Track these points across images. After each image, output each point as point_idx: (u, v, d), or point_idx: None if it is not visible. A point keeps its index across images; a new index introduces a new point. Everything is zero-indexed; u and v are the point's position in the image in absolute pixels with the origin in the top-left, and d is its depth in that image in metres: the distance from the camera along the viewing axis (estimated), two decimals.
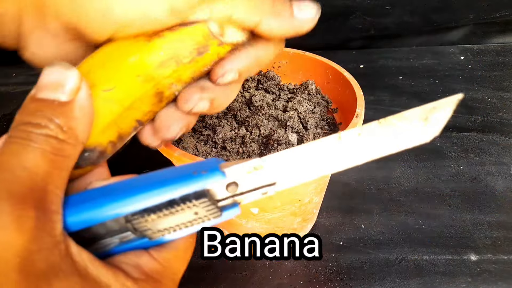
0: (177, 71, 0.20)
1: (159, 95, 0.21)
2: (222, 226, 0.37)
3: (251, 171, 0.17)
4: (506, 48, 0.72)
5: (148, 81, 0.20)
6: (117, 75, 0.19)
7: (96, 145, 0.19)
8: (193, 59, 0.21)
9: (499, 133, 0.53)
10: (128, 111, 0.20)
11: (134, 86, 0.20)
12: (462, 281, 0.36)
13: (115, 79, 0.19)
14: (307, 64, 0.41)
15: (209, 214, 0.18)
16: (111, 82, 0.19)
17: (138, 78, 0.20)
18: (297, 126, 0.33)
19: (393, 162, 0.49)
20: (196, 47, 0.20)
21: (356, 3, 0.68)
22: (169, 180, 0.17)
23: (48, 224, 0.14)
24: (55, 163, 0.15)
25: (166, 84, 0.21)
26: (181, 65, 0.20)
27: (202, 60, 0.21)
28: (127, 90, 0.19)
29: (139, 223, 0.17)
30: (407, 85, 0.64)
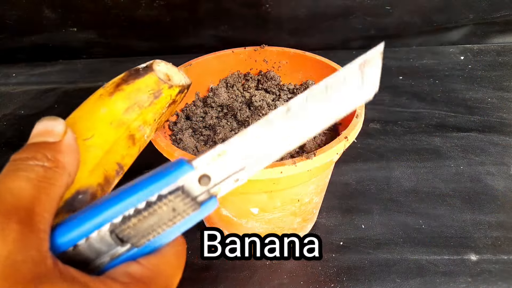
0: (141, 114, 0.25)
1: (131, 137, 0.25)
2: (222, 227, 0.37)
3: (215, 158, 0.18)
4: (506, 48, 0.72)
5: (119, 126, 0.24)
6: (94, 125, 0.23)
7: (88, 187, 0.22)
8: (152, 102, 0.26)
9: (499, 133, 0.53)
10: (108, 155, 0.24)
11: (109, 131, 0.24)
12: (462, 281, 0.36)
13: (93, 128, 0.23)
14: (307, 64, 0.41)
15: (187, 208, 0.18)
16: (90, 131, 0.23)
17: (111, 125, 0.24)
18: None
19: (393, 162, 0.49)
20: (152, 92, 0.25)
21: (356, 3, 0.68)
22: (143, 183, 0.17)
23: (34, 240, 0.15)
24: (42, 189, 0.17)
25: (135, 126, 0.25)
26: (143, 109, 0.25)
27: (159, 102, 0.26)
28: (104, 135, 0.24)
29: (122, 231, 0.17)
30: (407, 85, 0.64)
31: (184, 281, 0.39)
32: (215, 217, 0.36)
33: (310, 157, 0.26)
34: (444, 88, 0.63)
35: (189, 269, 0.38)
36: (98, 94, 0.25)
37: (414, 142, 0.52)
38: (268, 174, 0.26)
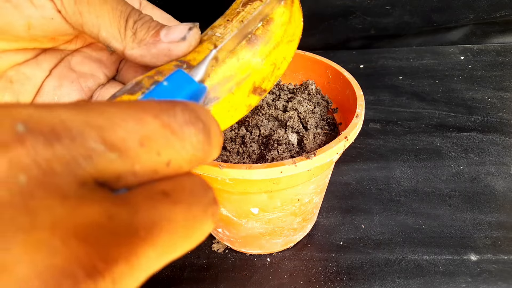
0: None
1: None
2: (222, 227, 0.37)
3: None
4: (506, 48, 0.72)
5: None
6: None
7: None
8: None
9: (499, 133, 0.53)
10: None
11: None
12: (462, 281, 0.36)
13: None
14: (307, 64, 0.41)
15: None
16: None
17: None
18: (297, 126, 0.33)
19: (393, 162, 0.49)
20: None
21: (356, 3, 0.68)
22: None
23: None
24: None
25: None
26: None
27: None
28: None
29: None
30: (407, 85, 0.64)
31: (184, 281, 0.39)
32: None
33: (310, 157, 0.26)
34: (444, 88, 0.63)
35: (189, 269, 0.38)
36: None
37: (414, 142, 0.52)
38: (268, 174, 0.26)
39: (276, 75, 0.26)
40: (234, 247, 0.40)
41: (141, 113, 0.11)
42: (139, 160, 0.10)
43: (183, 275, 0.38)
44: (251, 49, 0.23)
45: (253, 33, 0.23)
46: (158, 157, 0.11)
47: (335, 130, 0.36)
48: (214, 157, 0.13)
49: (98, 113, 0.10)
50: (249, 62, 0.23)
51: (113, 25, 0.22)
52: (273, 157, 0.30)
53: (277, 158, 0.30)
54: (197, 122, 0.12)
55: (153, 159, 0.11)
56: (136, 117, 0.11)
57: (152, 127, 0.11)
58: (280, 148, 0.31)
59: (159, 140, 0.11)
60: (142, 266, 0.10)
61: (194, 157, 0.12)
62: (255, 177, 0.26)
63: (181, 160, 0.12)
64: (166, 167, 0.11)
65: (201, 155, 0.12)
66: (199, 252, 0.40)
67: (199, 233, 0.12)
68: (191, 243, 0.11)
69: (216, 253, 0.40)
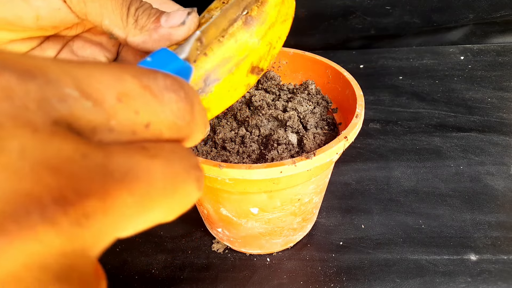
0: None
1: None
2: (222, 227, 0.37)
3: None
4: (506, 48, 0.72)
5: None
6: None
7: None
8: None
9: (499, 133, 0.53)
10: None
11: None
12: (462, 281, 0.36)
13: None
14: (307, 64, 0.41)
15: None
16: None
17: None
18: (297, 126, 0.33)
19: (393, 162, 0.49)
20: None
21: (356, 3, 0.68)
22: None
23: None
24: None
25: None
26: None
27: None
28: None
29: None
30: (407, 85, 0.64)
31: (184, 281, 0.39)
32: (215, 217, 0.36)
33: (310, 157, 0.26)
34: (444, 88, 0.63)
35: (188, 269, 0.38)
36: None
37: (414, 142, 0.52)
38: (268, 174, 0.26)
39: (272, 54, 0.27)
40: (234, 247, 0.40)
41: (120, 72, 0.11)
42: (116, 115, 0.10)
43: (183, 275, 0.38)
44: (247, 30, 0.24)
45: (249, 14, 0.24)
46: (136, 116, 0.11)
47: (335, 130, 0.36)
48: (198, 136, 0.13)
49: (76, 66, 0.10)
50: (246, 42, 0.24)
51: (116, 13, 0.22)
52: (273, 157, 0.30)
53: (277, 158, 0.30)
54: (179, 90, 0.12)
55: (130, 117, 0.11)
56: (115, 74, 0.10)
57: (130, 85, 0.11)
58: (280, 148, 0.31)
59: (138, 99, 0.11)
60: (118, 209, 0.09)
61: (174, 125, 0.12)
62: (254, 177, 0.26)
63: (161, 125, 0.11)
64: (145, 129, 0.11)
65: (182, 124, 0.12)
66: (199, 252, 0.40)
67: (182, 193, 0.11)
68: (174, 203, 0.11)
69: (216, 253, 0.40)
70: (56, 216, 0.08)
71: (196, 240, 0.41)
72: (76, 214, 0.08)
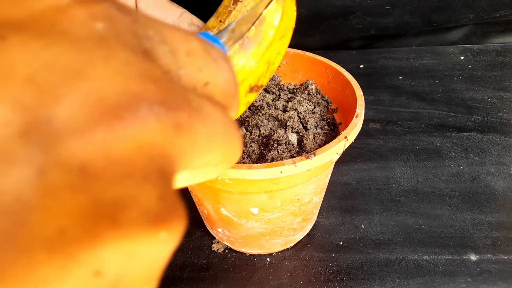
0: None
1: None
2: (222, 227, 0.37)
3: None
4: (506, 48, 0.72)
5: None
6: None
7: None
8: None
9: (499, 133, 0.53)
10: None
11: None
12: (462, 281, 0.36)
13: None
14: (307, 64, 0.41)
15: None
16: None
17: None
18: (297, 126, 0.34)
19: (393, 162, 0.49)
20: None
21: (356, 3, 0.68)
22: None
23: None
24: None
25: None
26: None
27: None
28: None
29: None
30: (407, 85, 0.64)
31: (183, 281, 0.39)
32: (215, 217, 0.36)
33: (310, 157, 0.26)
34: (444, 88, 0.63)
35: (188, 269, 0.38)
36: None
37: (414, 142, 0.52)
38: (268, 174, 0.26)
39: (271, 70, 0.26)
40: (234, 247, 0.40)
41: (187, 34, 0.12)
42: (184, 66, 0.12)
43: (183, 275, 0.38)
44: (244, 54, 0.23)
45: (246, 36, 0.23)
46: (199, 73, 0.12)
47: (335, 130, 0.36)
48: (234, 113, 0.15)
49: (156, 20, 0.12)
50: (243, 67, 0.23)
51: None
52: (273, 157, 0.30)
53: (277, 158, 0.30)
54: (229, 62, 0.14)
55: (195, 72, 0.12)
56: (184, 34, 0.12)
57: (196, 46, 0.12)
58: (280, 148, 0.31)
59: (201, 59, 0.12)
60: (196, 134, 0.11)
61: (224, 92, 0.13)
62: (255, 177, 0.26)
63: (215, 88, 0.13)
64: (203, 87, 0.12)
65: (229, 94, 0.13)
66: (199, 252, 0.40)
67: (232, 143, 0.13)
68: (227, 150, 0.13)
69: (216, 253, 0.40)
70: (161, 113, 0.09)
71: (196, 240, 0.41)
72: (174, 118, 0.10)
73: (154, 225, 0.09)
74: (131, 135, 0.09)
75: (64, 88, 0.08)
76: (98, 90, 0.08)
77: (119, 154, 0.08)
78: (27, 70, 0.08)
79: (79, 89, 0.08)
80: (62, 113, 0.08)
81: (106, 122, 0.08)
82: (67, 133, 0.08)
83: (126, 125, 0.08)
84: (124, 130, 0.08)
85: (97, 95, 0.08)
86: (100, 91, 0.08)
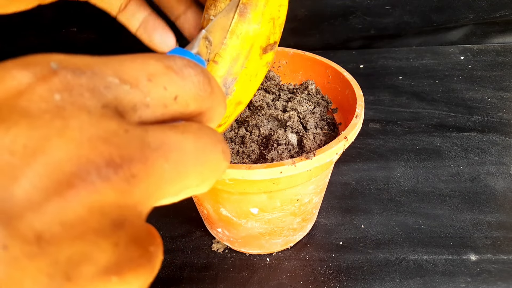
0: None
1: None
2: (222, 227, 0.37)
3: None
4: (506, 48, 0.72)
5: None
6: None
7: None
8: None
9: (499, 133, 0.53)
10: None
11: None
12: (461, 281, 0.36)
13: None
14: (307, 64, 0.41)
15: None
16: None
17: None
18: (297, 126, 0.34)
19: (393, 162, 0.49)
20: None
21: (356, 3, 0.68)
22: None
23: None
24: None
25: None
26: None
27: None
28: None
29: None
30: (407, 85, 0.64)
31: (183, 281, 0.39)
32: (215, 217, 0.36)
33: (310, 157, 0.26)
34: (444, 88, 0.63)
35: (188, 269, 0.38)
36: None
37: (414, 142, 0.52)
38: (267, 174, 0.26)
39: (279, 24, 0.26)
40: (233, 247, 0.40)
41: (145, 59, 0.13)
42: (149, 92, 0.12)
43: (183, 275, 0.38)
44: (244, 20, 0.24)
45: (241, 3, 0.24)
46: (165, 91, 0.13)
47: (335, 130, 0.36)
48: (221, 110, 0.15)
49: (112, 59, 0.12)
50: (247, 33, 0.24)
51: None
52: (272, 157, 0.30)
53: (276, 158, 0.30)
54: (196, 67, 0.14)
55: (161, 92, 0.13)
56: (142, 60, 0.13)
57: (156, 67, 0.13)
58: (279, 148, 0.31)
59: (164, 77, 0.13)
60: (157, 172, 0.11)
61: (198, 96, 0.14)
62: (254, 177, 0.26)
63: (186, 97, 0.13)
64: (174, 102, 0.13)
65: (204, 95, 0.14)
66: (198, 252, 0.40)
67: (211, 162, 0.13)
68: (206, 171, 0.13)
69: (215, 253, 0.40)
70: (109, 174, 0.10)
71: (196, 240, 0.41)
72: (124, 173, 0.10)
73: (106, 274, 0.10)
74: (81, 200, 0.10)
75: (21, 167, 0.09)
76: (53, 162, 0.09)
77: (72, 218, 0.09)
78: None
79: (34, 165, 0.09)
80: (19, 191, 0.09)
81: (58, 192, 0.09)
82: (24, 209, 0.09)
83: (76, 193, 0.10)
84: (75, 197, 0.10)
85: (51, 167, 0.09)
86: (54, 163, 0.09)
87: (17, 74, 0.10)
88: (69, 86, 0.11)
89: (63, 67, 0.11)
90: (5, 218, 0.09)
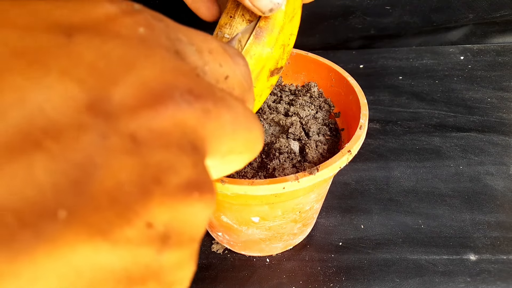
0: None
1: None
2: (223, 231, 0.37)
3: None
4: (506, 48, 0.72)
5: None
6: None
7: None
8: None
9: (499, 133, 0.53)
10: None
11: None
12: (461, 281, 0.36)
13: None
14: (310, 65, 0.40)
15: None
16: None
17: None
18: (299, 133, 0.33)
19: (393, 162, 0.50)
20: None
21: (356, 3, 0.68)
22: None
23: None
24: None
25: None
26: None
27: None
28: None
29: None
30: (407, 85, 0.64)
31: None
32: (216, 222, 0.36)
33: (313, 172, 0.26)
34: (444, 88, 0.63)
35: None
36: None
37: (413, 142, 0.53)
38: (270, 190, 0.26)
39: (287, 51, 0.28)
40: (234, 250, 0.40)
41: (206, 35, 0.14)
42: (208, 62, 0.14)
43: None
44: (259, 43, 0.25)
45: (258, 26, 0.25)
46: (220, 68, 0.14)
47: (337, 136, 0.35)
48: (251, 106, 0.16)
49: (184, 27, 0.14)
50: (260, 55, 0.25)
51: None
52: (274, 167, 0.30)
53: (278, 168, 0.30)
54: (244, 59, 0.15)
55: (216, 68, 0.14)
56: (204, 37, 0.14)
57: (215, 45, 0.14)
58: (281, 157, 0.31)
59: (221, 56, 0.14)
60: (221, 120, 0.12)
61: (242, 85, 0.15)
62: (257, 193, 0.26)
63: (234, 81, 0.15)
64: (224, 80, 0.14)
65: (246, 87, 0.15)
66: (198, 252, 0.40)
67: (254, 133, 0.14)
68: (250, 139, 0.14)
69: (215, 253, 0.40)
70: (191, 100, 0.11)
71: None
72: (201, 105, 0.11)
73: (188, 188, 0.11)
74: (169, 114, 0.11)
75: (119, 74, 0.10)
76: (143, 78, 0.10)
77: (160, 128, 0.10)
78: (90, 59, 0.10)
79: (129, 76, 0.10)
80: (117, 95, 0.10)
81: (150, 103, 0.10)
82: (120, 110, 0.10)
83: (165, 107, 0.10)
84: (164, 110, 0.10)
85: (142, 82, 0.10)
86: (144, 79, 0.10)
87: (106, 4, 0.11)
88: (151, 25, 0.12)
89: (146, 11, 0.12)
90: (104, 114, 0.09)
